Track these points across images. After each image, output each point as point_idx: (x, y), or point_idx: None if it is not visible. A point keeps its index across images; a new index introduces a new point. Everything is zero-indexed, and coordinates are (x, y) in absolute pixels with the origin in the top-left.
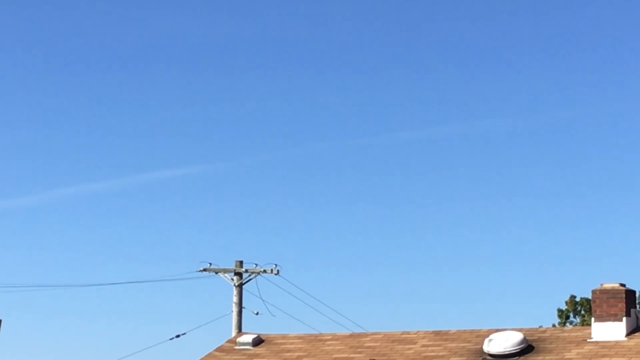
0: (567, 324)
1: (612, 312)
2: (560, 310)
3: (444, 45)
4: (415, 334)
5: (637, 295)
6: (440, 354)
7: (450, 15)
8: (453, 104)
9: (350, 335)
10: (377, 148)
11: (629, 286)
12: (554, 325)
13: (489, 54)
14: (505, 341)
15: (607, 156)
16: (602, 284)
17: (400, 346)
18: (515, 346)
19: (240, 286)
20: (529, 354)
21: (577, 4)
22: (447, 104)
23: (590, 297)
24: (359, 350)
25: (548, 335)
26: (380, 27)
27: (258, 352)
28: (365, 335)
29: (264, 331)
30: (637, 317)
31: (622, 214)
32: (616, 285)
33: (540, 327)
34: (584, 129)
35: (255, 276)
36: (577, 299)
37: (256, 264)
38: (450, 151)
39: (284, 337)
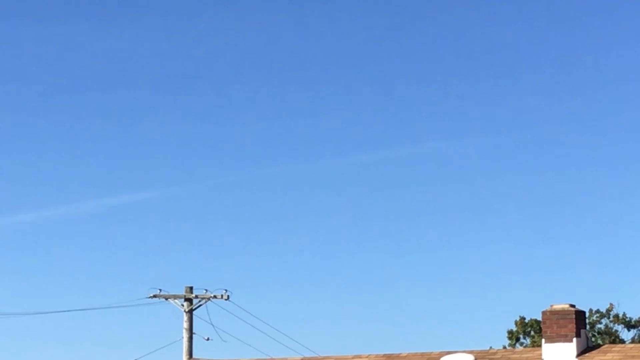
0: (517, 345)
1: (563, 333)
2: (510, 332)
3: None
4: (366, 357)
5: (586, 315)
6: None
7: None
8: (393, 125)
9: None
10: (325, 171)
11: (579, 307)
12: (504, 347)
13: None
14: None
15: (554, 177)
16: (552, 305)
17: None
18: None
19: (190, 312)
20: None
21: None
22: (396, 124)
23: (539, 318)
24: None
25: (499, 357)
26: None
27: None
28: (317, 359)
29: (214, 357)
30: (587, 338)
31: (572, 235)
32: (566, 306)
33: (491, 348)
34: (530, 151)
35: (206, 302)
36: (527, 320)
37: (206, 290)
38: (401, 171)
39: None
